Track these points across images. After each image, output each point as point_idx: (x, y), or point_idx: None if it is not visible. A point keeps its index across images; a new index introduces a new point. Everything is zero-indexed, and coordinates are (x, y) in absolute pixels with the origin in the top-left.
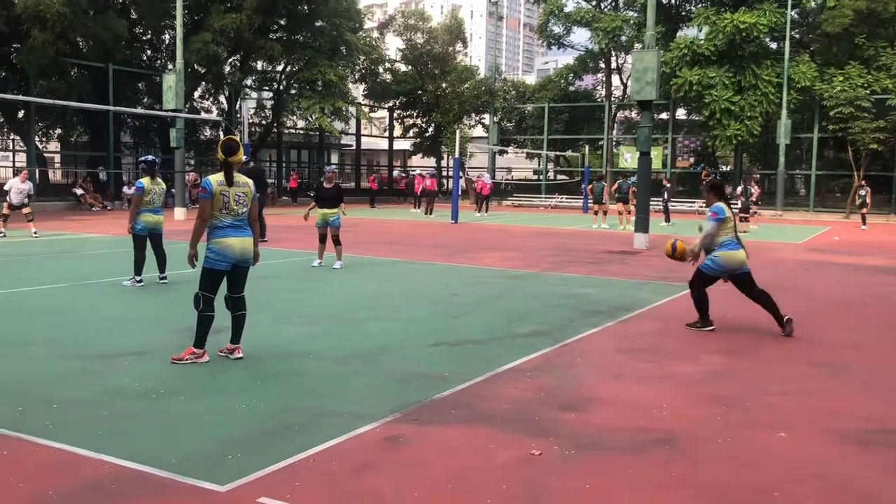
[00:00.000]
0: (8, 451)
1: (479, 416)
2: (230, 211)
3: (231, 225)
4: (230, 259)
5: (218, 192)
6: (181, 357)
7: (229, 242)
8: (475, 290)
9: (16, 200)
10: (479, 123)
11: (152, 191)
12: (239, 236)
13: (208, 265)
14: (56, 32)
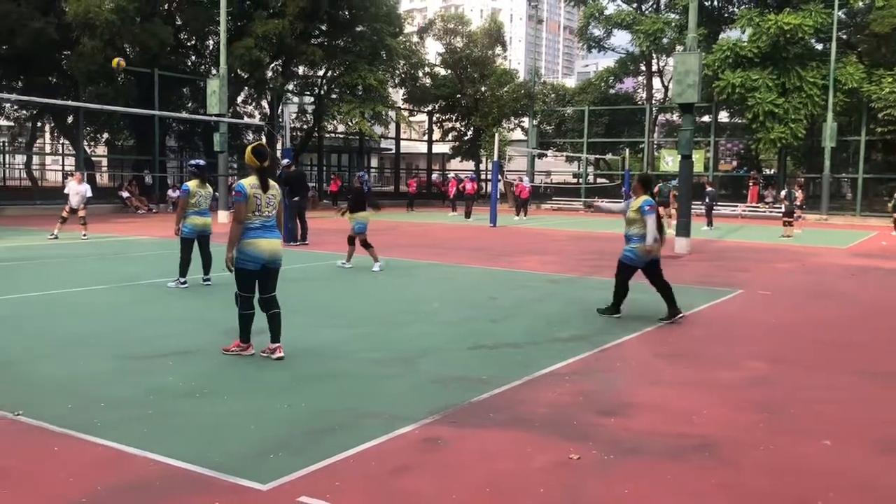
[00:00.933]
0: (59, 448)
1: (517, 419)
2: (261, 213)
3: (262, 227)
4: (260, 260)
5: (251, 195)
6: (229, 348)
7: (259, 244)
8: (514, 294)
9: (74, 203)
10: (519, 126)
11: (198, 193)
12: (268, 237)
13: (239, 265)
14: (105, 39)
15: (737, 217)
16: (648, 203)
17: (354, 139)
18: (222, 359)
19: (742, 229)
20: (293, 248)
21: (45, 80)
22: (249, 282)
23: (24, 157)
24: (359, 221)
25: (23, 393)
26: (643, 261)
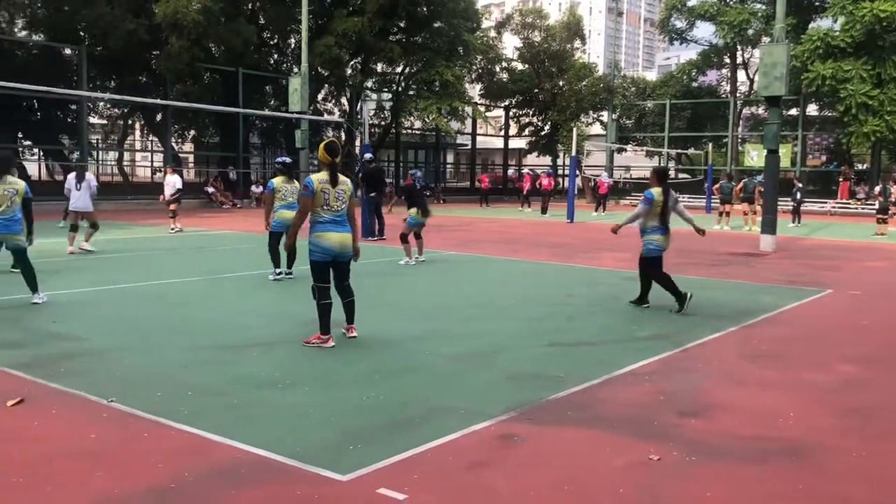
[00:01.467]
0: (148, 434)
1: (595, 418)
2: (330, 207)
3: (331, 220)
4: (331, 252)
5: (319, 189)
6: (310, 340)
7: (329, 237)
8: (592, 291)
9: (167, 193)
10: (597, 121)
11: (284, 188)
12: (338, 231)
13: (312, 258)
14: (191, 39)
15: (826, 214)
16: (648, 194)
17: (431, 135)
18: (303, 350)
19: (831, 227)
20: (370, 242)
21: (135, 80)
22: (323, 272)
23: (117, 154)
24: (412, 217)
25: (115, 380)
26: (661, 250)
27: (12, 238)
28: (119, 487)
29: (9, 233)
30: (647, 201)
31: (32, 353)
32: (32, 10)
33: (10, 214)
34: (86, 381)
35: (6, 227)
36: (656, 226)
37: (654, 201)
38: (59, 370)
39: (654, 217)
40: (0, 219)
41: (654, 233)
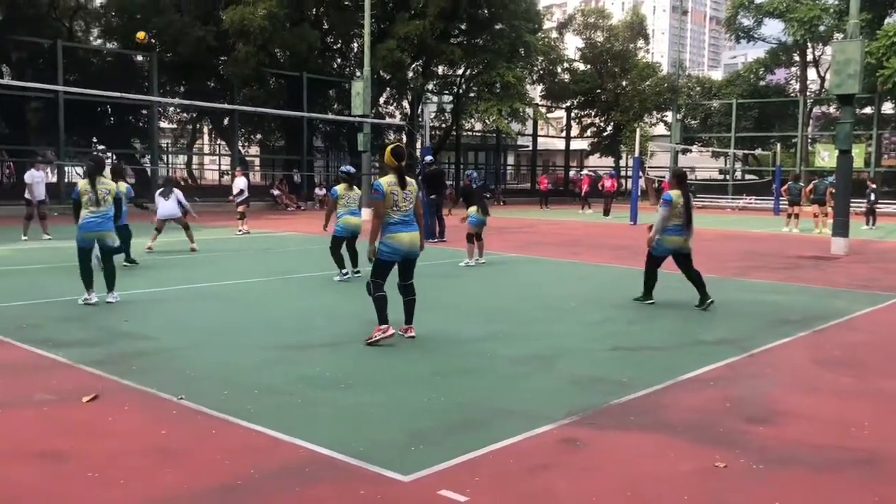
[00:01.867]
0: (216, 431)
1: (659, 423)
2: (399, 209)
3: (401, 221)
4: (401, 252)
5: (388, 192)
6: (372, 337)
7: (399, 237)
8: (656, 295)
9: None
10: (661, 121)
11: (346, 196)
12: (408, 231)
13: (382, 257)
14: (258, 45)
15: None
16: (666, 197)
17: (492, 137)
18: (366, 351)
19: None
20: (431, 244)
21: (203, 85)
22: (387, 271)
23: (186, 157)
24: (472, 216)
25: (184, 378)
26: (667, 251)
27: (106, 235)
28: (188, 484)
29: (103, 230)
30: (665, 203)
31: (106, 350)
32: (107, 19)
33: (103, 212)
34: (156, 378)
35: (99, 225)
36: (677, 225)
37: (673, 203)
38: (130, 367)
39: (676, 217)
40: (94, 217)
41: (671, 233)
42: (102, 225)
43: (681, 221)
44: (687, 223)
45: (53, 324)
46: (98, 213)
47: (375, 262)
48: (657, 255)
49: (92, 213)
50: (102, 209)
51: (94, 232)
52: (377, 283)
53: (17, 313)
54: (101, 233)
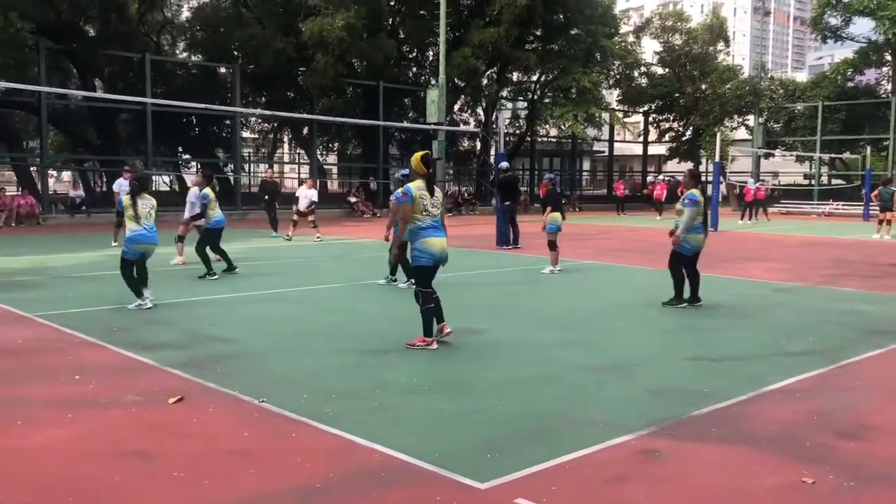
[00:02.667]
0: (296, 434)
1: (742, 436)
2: (429, 213)
3: (431, 226)
4: (434, 256)
5: (418, 196)
6: (414, 343)
7: (433, 242)
8: (737, 303)
9: (302, 206)
10: (742, 125)
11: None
12: (439, 236)
13: (419, 263)
14: (336, 55)
15: None
16: (690, 196)
17: (567, 142)
18: (440, 357)
19: None
20: (505, 251)
21: (284, 96)
22: (430, 277)
23: (267, 166)
24: (553, 222)
25: (265, 381)
26: (694, 250)
27: (150, 248)
28: (269, 485)
29: (149, 243)
30: (693, 203)
31: (191, 353)
32: (192, 32)
33: (150, 225)
34: (238, 381)
35: (147, 238)
36: (699, 224)
37: (699, 202)
38: (214, 370)
39: (698, 216)
40: (141, 231)
41: (696, 231)
42: (150, 238)
43: (701, 220)
44: (705, 221)
45: (142, 327)
46: (145, 227)
47: (416, 272)
48: (688, 255)
49: (140, 228)
50: (148, 223)
51: (142, 245)
52: (426, 293)
53: (108, 317)
54: (147, 245)
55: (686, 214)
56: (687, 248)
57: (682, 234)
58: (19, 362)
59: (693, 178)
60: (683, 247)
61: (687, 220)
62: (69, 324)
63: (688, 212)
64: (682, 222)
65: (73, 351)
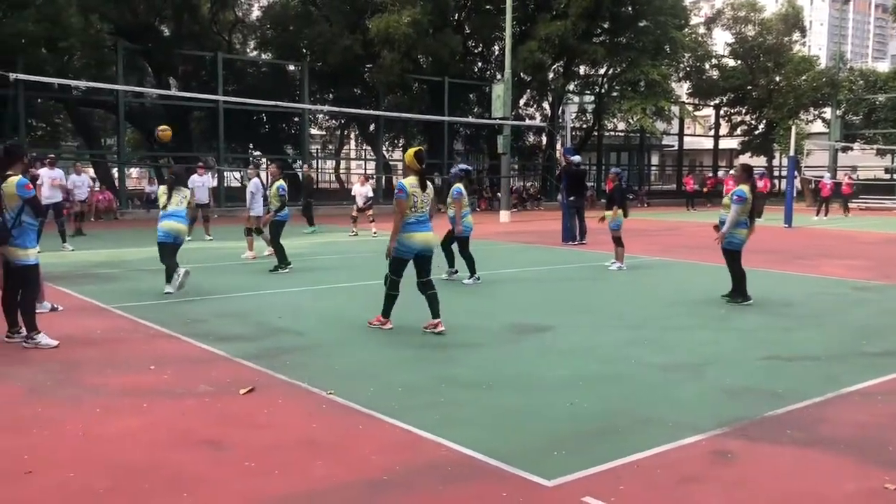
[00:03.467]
0: (363, 427)
1: (818, 439)
2: (416, 209)
3: (416, 221)
4: (413, 249)
5: (411, 192)
6: (372, 322)
7: (414, 236)
8: (813, 301)
9: (361, 203)
10: (819, 118)
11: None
12: (422, 231)
13: (396, 254)
14: (402, 52)
15: None
16: (738, 193)
17: (635, 136)
18: (505, 352)
19: None
20: (571, 247)
21: (350, 93)
22: (402, 267)
23: (334, 162)
24: (618, 219)
25: (333, 374)
26: (743, 244)
27: (182, 230)
28: (337, 476)
29: (180, 223)
30: (740, 200)
31: (261, 345)
32: (262, 31)
33: (178, 210)
34: (307, 373)
35: (177, 220)
36: (742, 220)
37: (747, 199)
38: (284, 362)
39: (744, 212)
40: (170, 214)
41: (742, 227)
42: (179, 220)
43: (747, 216)
44: (751, 217)
45: (214, 319)
46: (172, 211)
47: (393, 260)
48: (739, 250)
49: (167, 212)
50: (177, 208)
51: (168, 223)
52: (394, 282)
53: (183, 309)
54: (177, 226)
55: (732, 211)
56: (737, 242)
57: (727, 230)
58: (98, 352)
59: (745, 172)
60: (733, 242)
61: (733, 217)
62: (145, 315)
63: (734, 209)
64: (728, 219)
65: (148, 342)
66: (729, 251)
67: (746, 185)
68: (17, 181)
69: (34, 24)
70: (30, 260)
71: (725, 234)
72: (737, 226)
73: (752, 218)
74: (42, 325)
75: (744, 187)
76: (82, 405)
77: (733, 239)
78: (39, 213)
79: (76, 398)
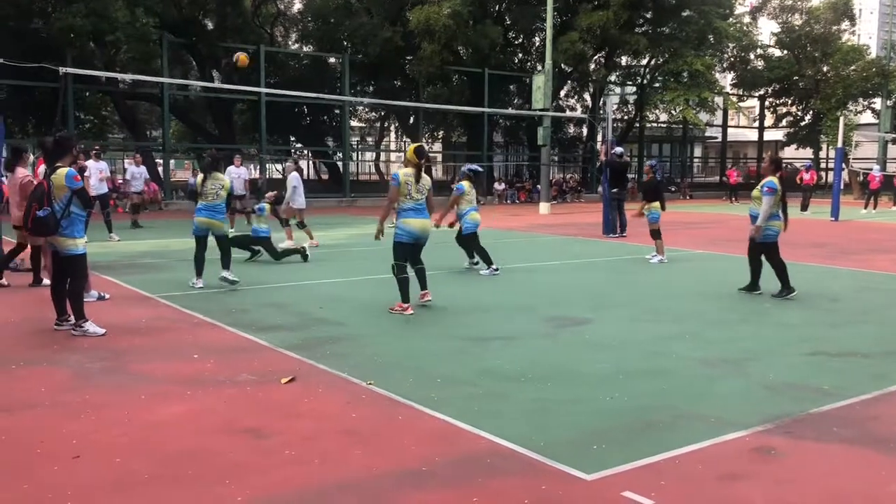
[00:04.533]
0: (402, 417)
1: (866, 436)
2: (412, 197)
3: (413, 208)
4: (413, 235)
5: (404, 181)
6: (394, 308)
7: (411, 222)
8: (861, 297)
9: None
10: (868, 109)
11: (470, 193)
12: (418, 218)
13: (397, 239)
14: (442, 43)
15: None
16: (769, 185)
17: (678, 128)
18: (545, 345)
19: None
20: (612, 240)
21: (390, 84)
22: (404, 252)
23: (374, 154)
24: (653, 212)
25: (372, 364)
26: (777, 236)
27: (216, 225)
28: (377, 465)
29: (213, 219)
30: (771, 191)
31: (302, 335)
32: (304, 24)
33: (215, 204)
34: (347, 363)
35: (211, 215)
36: (775, 212)
37: (778, 190)
38: (324, 352)
39: (776, 204)
40: (206, 207)
41: (774, 218)
42: (212, 215)
43: (779, 208)
44: (784, 208)
45: (256, 309)
46: (207, 204)
47: (394, 245)
48: (775, 242)
49: (202, 204)
50: (213, 202)
51: (201, 219)
52: (400, 266)
53: (225, 299)
54: (211, 221)
55: (764, 203)
56: (772, 234)
57: (762, 223)
58: (144, 340)
59: (773, 163)
60: (769, 234)
61: (766, 209)
62: (189, 305)
63: (766, 200)
64: (762, 212)
65: (192, 331)
66: (765, 244)
67: (775, 176)
68: (66, 172)
69: (82, 19)
70: (78, 249)
71: (762, 226)
72: (771, 218)
73: (784, 210)
74: (89, 314)
75: (773, 178)
76: (128, 392)
77: (769, 231)
78: (87, 203)
79: (122, 385)
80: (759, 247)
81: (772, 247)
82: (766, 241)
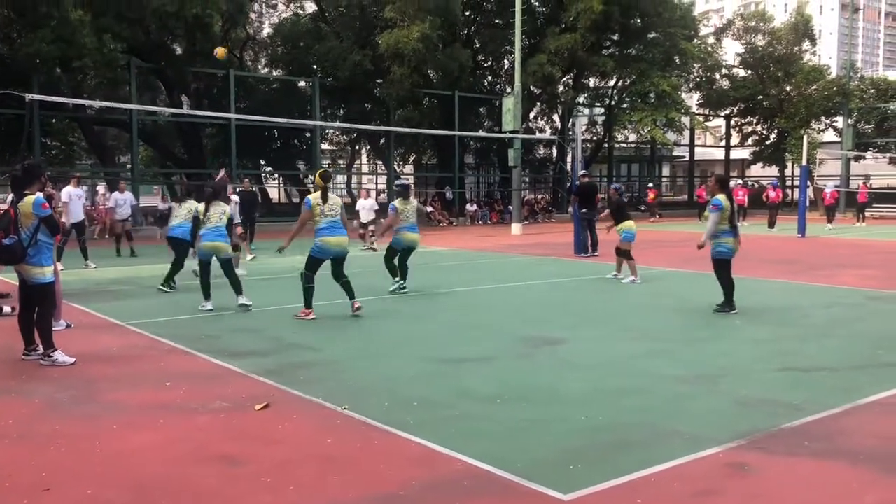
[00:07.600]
0: (378, 442)
1: (837, 450)
2: (325, 216)
3: (328, 226)
4: (330, 252)
5: (315, 204)
6: (299, 315)
7: (327, 240)
8: (828, 312)
9: (365, 218)
10: (831, 127)
11: (405, 210)
12: (335, 235)
13: (313, 254)
14: (412, 66)
15: None
16: (714, 202)
17: (645, 148)
18: (521, 366)
19: None
20: (584, 259)
21: (361, 108)
22: (317, 265)
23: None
24: (626, 231)
25: (347, 389)
26: (732, 253)
27: (221, 248)
28: (353, 492)
29: (218, 241)
30: (717, 209)
31: (275, 361)
32: (273, 48)
33: (218, 227)
34: (321, 388)
35: (216, 238)
36: (726, 229)
37: (724, 207)
38: (298, 378)
39: (724, 221)
40: (210, 230)
41: (726, 235)
42: (217, 238)
43: (731, 225)
44: (734, 226)
45: (229, 335)
46: (210, 228)
47: (308, 258)
48: (729, 259)
49: (207, 229)
50: (216, 224)
51: (207, 244)
52: (308, 276)
53: (197, 325)
54: (216, 245)
55: (710, 220)
56: (725, 251)
57: (705, 239)
58: (115, 369)
59: (719, 182)
60: (721, 252)
61: (710, 226)
62: (160, 332)
63: (712, 217)
64: (707, 228)
65: (163, 358)
66: (718, 260)
67: (723, 194)
68: (33, 200)
69: (49, 45)
70: (46, 278)
71: (704, 242)
72: (723, 235)
73: (735, 228)
74: (58, 343)
75: (720, 196)
76: (99, 421)
77: (721, 248)
78: (55, 231)
79: (93, 414)
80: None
81: (724, 264)
82: (718, 257)
